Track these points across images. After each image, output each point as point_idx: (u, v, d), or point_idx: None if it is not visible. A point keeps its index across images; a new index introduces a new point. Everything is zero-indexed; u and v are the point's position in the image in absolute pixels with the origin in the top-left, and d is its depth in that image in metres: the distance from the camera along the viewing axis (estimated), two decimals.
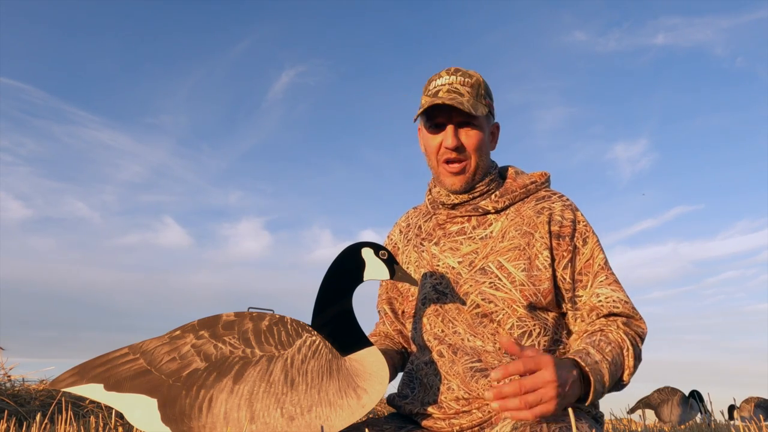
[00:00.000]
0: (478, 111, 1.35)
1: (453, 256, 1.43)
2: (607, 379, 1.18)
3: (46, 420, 2.27)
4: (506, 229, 1.40)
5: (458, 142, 1.38)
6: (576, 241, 1.37)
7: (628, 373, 1.25)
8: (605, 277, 1.35)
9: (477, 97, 1.38)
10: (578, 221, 1.40)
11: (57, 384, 1.10)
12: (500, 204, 1.43)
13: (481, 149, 1.42)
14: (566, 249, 1.36)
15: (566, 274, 1.36)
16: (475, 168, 1.42)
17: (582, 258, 1.37)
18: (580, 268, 1.37)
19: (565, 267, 1.36)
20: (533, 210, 1.41)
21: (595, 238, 1.39)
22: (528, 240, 1.37)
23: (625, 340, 1.25)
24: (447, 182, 1.43)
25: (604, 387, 1.18)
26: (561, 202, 1.43)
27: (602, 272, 1.35)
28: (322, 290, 1.19)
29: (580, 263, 1.37)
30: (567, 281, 1.36)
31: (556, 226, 1.38)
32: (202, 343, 1.09)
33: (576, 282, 1.36)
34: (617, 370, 1.22)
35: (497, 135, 1.53)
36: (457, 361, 1.34)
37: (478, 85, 1.40)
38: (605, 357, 1.19)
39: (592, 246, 1.38)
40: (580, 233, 1.38)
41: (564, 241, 1.37)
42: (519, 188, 1.45)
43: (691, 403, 4.91)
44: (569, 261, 1.36)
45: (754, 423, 2.09)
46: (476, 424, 1.28)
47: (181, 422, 1.03)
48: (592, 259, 1.37)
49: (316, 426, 1.05)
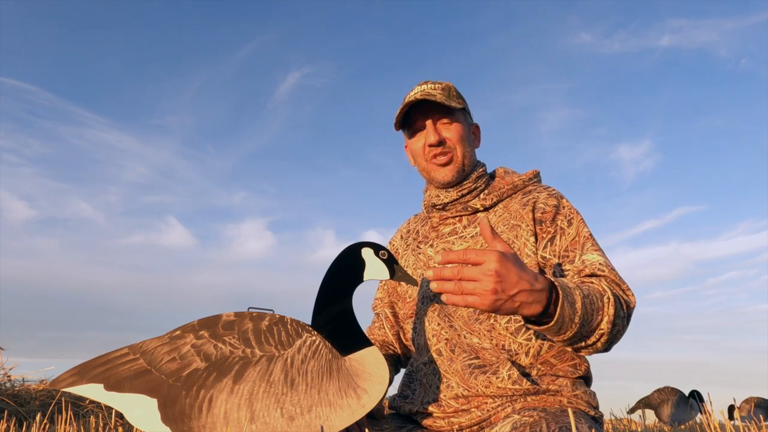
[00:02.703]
0: (452, 104, 1.42)
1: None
2: (579, 306, 1.11)
3: (46, 420, 2.27)
4: (495, 225, 1.43)
5: (440, 136, 1.45)
6: (560, 223, 1.38)
7: (607, 320, 1.17)
8: (591, 245, 1.35)
9: (449, 96, 1.45)
10: (562, 206, 1.41)
11: (57, 384, 1.10)
12: (488, 201, 1.46)
13: (463, 140, 1.47)
14: (546, 231, 1.38)
15: (546, 253, 1.37)
16: (461, 157, 1.46)
17: (567, 237, 1.37)
18: (567, 246, 1.37)
19: (545, 247, 1.37)
20: (519, 203, 1.44)
21: (580, 217, 1.40)
22: (516, 233, 1.39)
23: (606, 291, 1.20)
24: (438, 176, 1.47)
25: (575, 313, 1.11)
26: (546, 192, 1.45)
27: (588, 242, 1.36)
28: (322, 290, 1.19)
29: (566, 242, 1.37)
30: (549, 259, 1.36)
31: (539, 213, 1.40)
32: (202, 343, 1.09)
33: (562, 258, 1.36)
34: (593, 309, 1.15)
35: (479, 135, 1.59)
36: (455, 359, 1.35)
37: (448, 88, 1.48)
38: (581, 289, 1.15)
39: (577, 224, 1.38)
40: (564, 216, 1.40)
41: (545, 225, 1.38)
42: (506, 185, 1.48)
43: (691, 403, 4.91)
44: (548, 241, 1.37)
45: (754, 423, 2.09)
46: (475, 422, 1.29)
47: (181, 422, 1.03)
48: (578, 236, 1.37)
49: (316, 426, 1.05)
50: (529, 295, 1.04)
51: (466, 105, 1.53)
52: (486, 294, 1.00)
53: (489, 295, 1.00)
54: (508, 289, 1.02)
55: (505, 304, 1.03)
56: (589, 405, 1.32)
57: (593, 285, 1.21)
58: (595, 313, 1.16)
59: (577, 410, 1.29)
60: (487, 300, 1.01)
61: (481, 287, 1.00)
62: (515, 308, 1.05)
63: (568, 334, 1.13)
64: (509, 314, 1.09)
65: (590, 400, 1.33)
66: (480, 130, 1.59)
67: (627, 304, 1.25)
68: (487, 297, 1.01)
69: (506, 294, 1.02)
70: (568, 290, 1.11)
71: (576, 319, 1.11)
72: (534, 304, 1.06)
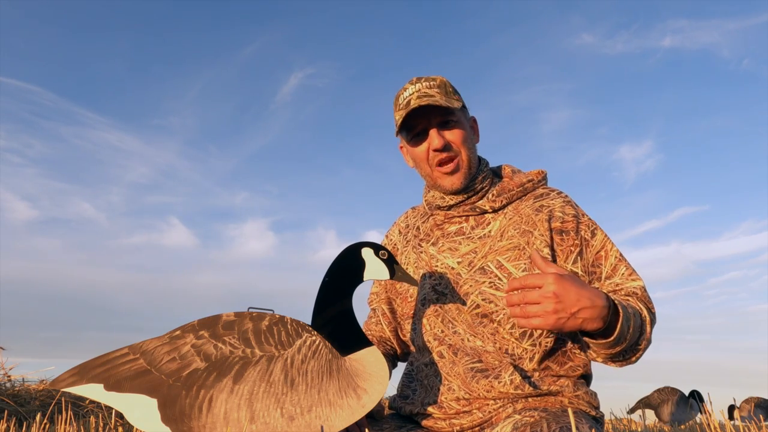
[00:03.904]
0: (453, 104, 1.39)
1: (452, 257, 1.43)
2: (632, 324, 1.19)
3: (46, 420, 2.27)
4: (505, 229, 1.40)
5: (444, 140, 1.41)
6: (583, 234, 1.38)
7: (645, 339, 1.26)
8: (625, 268, 1.37)
9: (447, 95, 1.41)
10: (581, 215, 1.41)
11: (57, 384, 1.10)
12: (498, 203, 1.43)
13: (467, 143, 1.44)
14: (573, 243, 1.37)
15: (576, 268, 1.36)
16: (467, 162, 1.43)
17: (592, 250, 1.38)
18: (593, 260, 1.38)
19: (575, 261, 1.36)
20: (532, 208, 1.41)
21: (602, 230, 1.41)
22: (527, 239, 1.36)
23: (643, 310, 1.27)
24: (446, 184, 1.43)
25: (628, 330, 1.18)
26: (560, 198, 1.43)
27: (621, 264, 1.38)
28: (322, 290, 1.19)
29: (591, 255, 1.38)
30: (580, 275, 1.36)
31: (558, 222, 1.38)
32: (202, 343, 1.09)
33: (591, 275, 1.37)
34: (640, 324, 1.24)
35: (477, 128, 1.55)
36: (457, 361, 1.34)
37: (443, 84, 1.43)
38: (632, 305, 1.23)
39: (602, 238, 1.40)
40: (587, 225, 1.40)
41: (569, 236, 1.37)
42: (516, 187, 1.45)
43: (691, 403, 4.91)
44: (578, 255, 1.37)
45: (754, 423, 2.09)
46: (476, 424, 1.28)
47: (181, 422, 1.03)
48: (604, 251, 1.38)
49: (316, 426, 1.05)
50: (591, 312, 1.11)
51: (463, 100, 1.49)
52: (548, 314, 1.08)
53: (551, 315, 1.08)
54: (568, 308, 1.09)
55: (568, 321, 1.10)
56: (590, 405, 1.32)
57: (633, 304, 1.27)
58: (640, 325, 1.24)
59: (577, 410, 1.29)
60: (550, 320, 1.09)
61: (542, 309, 1.08)
62: (579, 324, 1.12)
63: (618, 349, 1.22)
64: (574, 330, 1.16)
65: (591, 400, 1.33)
66: (477, 123, 1.55)
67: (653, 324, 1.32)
68: (550, 317, 1.08)
69: (568, 312, 1.09)
70: (626, 309, 1.18)
71: (628, 336, 1.20)
72: (597, 320, 1.13)
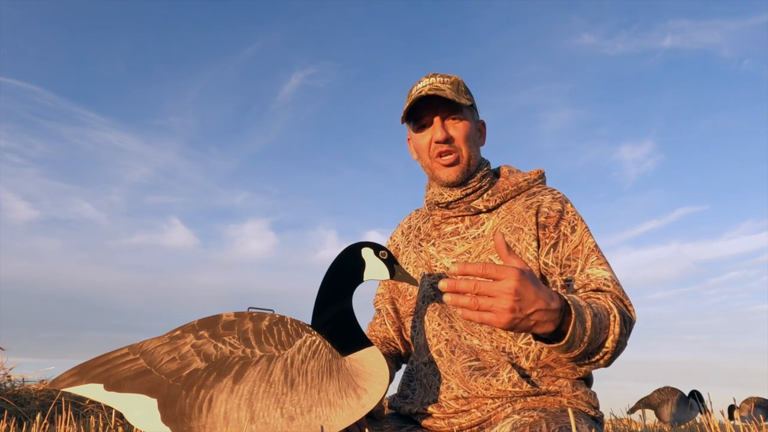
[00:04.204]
0: (462, 101, 1.39)
1: (448, 257, 1.45)
2: (589, 326, 1.11)
3: (46, 420, 2.27)
4: (497, 228, 1.41)
5: (447, 134, 1.42)
6: (563, 229, 1.37)
7: (612, 339, 1.17)
8: (596, 258, 1.33)
9: (458, 92, 1.42)
10: (566, 212, 1.40)
11: (57, 384, 1.10)
12: (491, 203, 1.44)
13: (470, 140, 1.44)
14: (549, 237, 1.36)
15: (548, 260, 1.35)
16: (467, 158, 1.44)
17: (570, 245, 1.36)
18: (569, 254, 1.35)
19: (547, 253, 1.36)
20: (523, 206, 1.42)
21: (584, 225, 1.39)
22: (518, 236, 1.38)
23: (612, 308, 1.19)
24: (443, 175, 1.44)
25: (585, 333, 1.10)
26: (551, 195, 1.43)
27: (593, 254, 1.34)
28: (322, 290, 1.19)
29: (568, 249, 1.36)
30: (550, 266, 1.35)
31: (543, 217, 1.38)
32: (202, 343, 1.09)
33: (564, 267, 1.35)
34: (601, 327, 1.15)
35: (485, 132, 1.56)
36: (455, 360, 1.35)
37: (457, 83, 1.45)
38: (591, 307, 1.14)
39: (581, 232, 1.37)
40: (568, 222, 1.38)
41: (548, 230, 1.37)
42: (510, 186, 1.46)
43: (691, 403, 4.91)
44: (551, 247, 1.36)
45: (754, 423, 2.09)
46: (475, 423, 1.28)
47: (181, 422, 1.03)
48: (581, 245, 1.36)
49: (316, 426, 1.05)
50: (544, 314, 1.03)
51: (474, 101, 1.51)
52: (503, 312, 0.98)
53: (506, 313, 0.98)
54: (525, 308, 1.00)
55: (521, 323, 1.01)
56: (590, 405, 1.32)
57: (600, 302, 1.21)
58: (603, 331, 1.16)
59: (577, 410, 1.29)
60: (504, 318, 0.99)
61: (498, 305, 0.98)
62: (530, 327, 1.04)
63: (575, 353, 1.14)
64: (522, 332, 1.08)
65: (590, 400, 1.33)
66: (486, 127, 1.57)
67: (630, 321, 1.25)
68: (504, 315, 0.98)
69: (523, 313, 1.00)
70: (580, 309, 1.11)
71: (585, 338, 1.11)
72: (548, 323, 1.05)
